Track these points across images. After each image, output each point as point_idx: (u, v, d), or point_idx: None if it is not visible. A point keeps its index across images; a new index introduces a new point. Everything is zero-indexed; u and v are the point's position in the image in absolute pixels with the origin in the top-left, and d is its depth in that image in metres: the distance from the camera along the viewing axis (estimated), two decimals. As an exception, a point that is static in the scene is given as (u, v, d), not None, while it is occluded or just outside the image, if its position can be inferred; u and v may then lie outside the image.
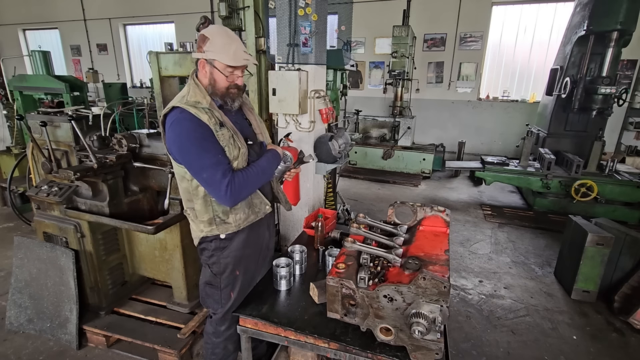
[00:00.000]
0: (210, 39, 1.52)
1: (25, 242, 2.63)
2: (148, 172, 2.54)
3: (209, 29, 1.57)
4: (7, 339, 2.59)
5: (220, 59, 1.53)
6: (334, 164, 3.21)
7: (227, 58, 1.52)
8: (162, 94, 3.00)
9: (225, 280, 1.78)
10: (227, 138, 1.56)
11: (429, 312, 1.34)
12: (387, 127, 7.50)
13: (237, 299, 1.82)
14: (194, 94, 1.57)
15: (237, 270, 1.79)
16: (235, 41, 1.55)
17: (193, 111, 1.51)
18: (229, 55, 1.52)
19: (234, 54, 1.53)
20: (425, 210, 1.92)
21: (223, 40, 1.52)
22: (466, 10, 7.82)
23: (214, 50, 1.52)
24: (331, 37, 3.44)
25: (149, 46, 11.19)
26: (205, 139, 1.51)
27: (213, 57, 1.53)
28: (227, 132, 1.57)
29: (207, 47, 1.53)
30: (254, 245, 1.86)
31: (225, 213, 1.68)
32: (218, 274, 1.77)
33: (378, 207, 5.39)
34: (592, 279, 3.12)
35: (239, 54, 1.54)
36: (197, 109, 1.52)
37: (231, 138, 1.58)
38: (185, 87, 1.64)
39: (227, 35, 1.55)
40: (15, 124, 5.00)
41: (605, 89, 4.62)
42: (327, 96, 3.30)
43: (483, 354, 2.57)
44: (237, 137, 1.61)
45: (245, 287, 1.88)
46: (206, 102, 1.56)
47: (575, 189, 4.81)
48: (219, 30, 1.56)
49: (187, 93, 1.58)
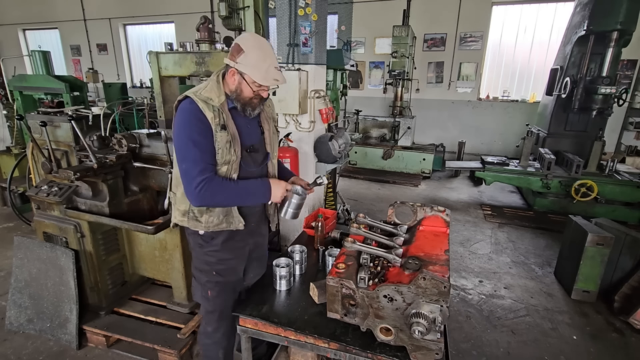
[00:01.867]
0: (245, 52, 1.50)
1: (25, 242, 2.63)
2: (148, 172, 2.54)
3: (246, 39, 1.53)
4: (7, 339, 2.59)
5: (251, 75, 1.52)
6: (334, 164, 3.21)
7: (258, 76, 1.52)
8: (162, 94, 3.00)
9: (203, 277, 1.79)
10: (223, 142, 1.56)
11: (429, 312, 1.34)
12: (387, 127, 7.50)
13: (218, 303, 1.81)
14: (210, 90, 1.57)
15: (214, 271, 1.77)
16: (269, 57, 1.53)
17: (201, 105, 1.52)
18: (261, 73, 1.52)
19: (266, 73, 1.52)
20: (425, 210, 1.91)
21: (257, 56, 1.50)
22: (466, 10, 7.82)
23: (246, 64, 1.51)
24: (331, 37, 3.44)
25: (149, 46, 11.19)
26: (200, 134, 1.52)
27: (244, 70, 1.52)
28: (225, 136, 1.56)
29: (240, 59, 1.51)
30: (235, 251, 1.79)
31: (200, 211, 1.67)
32: (197, 268, 1.81)
33: (378, 207, 5.39)
34: (592, 279, 3.12)
35: (271, 72, 1.53)
36: (206, 104, 1.53)
37: (228, 143, 1.57)
38: (205, 81, 1.63)
39: (262, 50, 1.52)
40: (15, 124, 5.00)
41: (605, 89, 4.63)
42: (327, 96, 3.30)
43: (483, 354, 2.57)
44: (235, 144, 1.59)
45: (229, 292, 1.84)
46: (218, 101, 1.56)
47: (575, 189, 4.81)
48: (255, 43, 1.53)
49: (204, 87, 1.58)
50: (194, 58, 2.83)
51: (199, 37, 2.85)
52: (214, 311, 1.83)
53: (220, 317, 1.85)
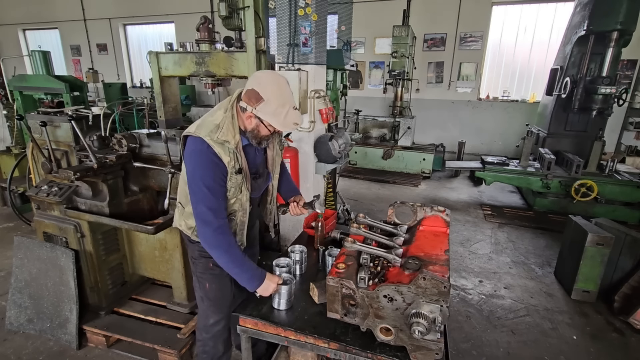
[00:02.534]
0: (265, 101, 1.47)
1: (25, 242, 2.63)
2: (148, 172, 2.54)
3: (264, 86, 1.48)
4: (7, 339, 2.59)
5: (271, 122, 1.50)
6: (334, 164, 3.21)
7: (277, 123, 1.50)
8: (162, 94, 3.00)
9: (200, 267, 1.83)
10: (238, 184, 1.60)
11: (429, 312, 1.34)
12: (387, 127, 7.51)
13: (216, 296, 1.86)
14: (227, 131, 1.54)
15: (211, 263, 1.79)
16: (288, 101, 1.50)
17: (217, 150, 1.51)
18: (280, 121, 1.50)
19: (285, 119, 1.49)
20: (425, 210, 1.91)
21: (277, 104, 1.47)
22: (466, 10, 7.82)
23: (266, 112, 1.48)
24: (331, 37, 3.44)
25: (149, 46, 11.18)
26: (215, 180, 1.53)
27: (264, 117, 1.50)
28: (240, 179, 1.60)
29: (260, 107, 1.48)
30: None
31: None
32: (194, 258, 1.84)
33: (378, 207, 5.39)
34: (592, 279, 3.12)
35: (290, 117, 1.50)
36: (222, 147, 1.52)
37: (240, 185, 1.61)
38: (219, 112, 1.58)
39: (281, 96, 1.48)
40: (15, 124, 5.00)
41: (605, 89, 4.63)
42: (327, 96, 3.30)
43: (483, 354, 2.57)
44: (247, 182, 1.64)
45: (227, 284, 1.88)
46: (234, 142, 1.55)
47: (575, 189, 4.81)
48: (274, 90, 1.48)
49: (220, 128, 1.54)
50: (194, 58, 2.83)
51: (199, 37, 2.85)
52: (213, 303, 1.88)
53: (219, 308, 1.89)
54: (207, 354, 1.98)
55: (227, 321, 1.94)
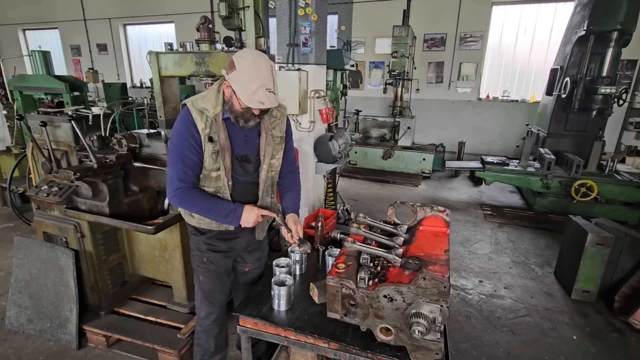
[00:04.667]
0: (237, 70, 1.49)
1: (25, 242, 2.63)
2: (148, 172, 2.54)
3: (241, 57, 1.52)
4: (7, 339, 2.59)
5: (238, 93, 1.52)
6: (334, 164, 3.21)
7: (244, 96, 1.51)
8: (162, 94, 2.99)
9: (196, 259, 1.90)
10: (210, 152, 1.62)
11: (429, 312, 1.34)
12: (387, 127, 7.50)
13: (208, 289, 1.91)
14: (207, 100, 1.61)
15: (205, 257, 1.86)
16: (261, 79, 1.49)
17: (194, 115, 1.58)
18: (247, 94, 1.50)
19: (252, 94, 1.49)
20: (425, 210, 1.92)
21: (248, 77, 1.49)
22: (466, 10, 7.82)
23: (236, 82, 1.51)
24: (331, 37, 3.44)
25: (149, 46, 11.18)
26: (186, 147, 1.60)
27: (234, 87, 1.53)
28: (211, 148, 1.61)
29: (232, 75, 1.51)
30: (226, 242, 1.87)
31: None
32: (192, 250, 1.92)
33: (378, 207, 5.39)
34: (592, 279, 3.12)
35: (258, 95, 1.49)
36: (201, 114, 1.58)
37: (214, 154, 1.62)
38: (210, 89, 1.67)
39: (255, 70, 1.49)
40: (15, 124, 5.00)
41: (605, 89, 4.62)
42: (327, 96, 3.30)
43: (483, 354, 2.57)
44: (224, 155, 1.65)
45: (221, 280, 1.92)
46: (213, 112, 1.59)
47: (575, 189, 4.81)
48: (249, 63, 1.50)
49: (204, 96, 1.63)
50: (194, 58, 2.82)
51: (199, 37, 2.85)
52: (204, 297, 1.93)
53: (210, 302, 1.93)
54: (201, 347, 2.04)
55: (219, 317, 1.98)
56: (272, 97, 1.53)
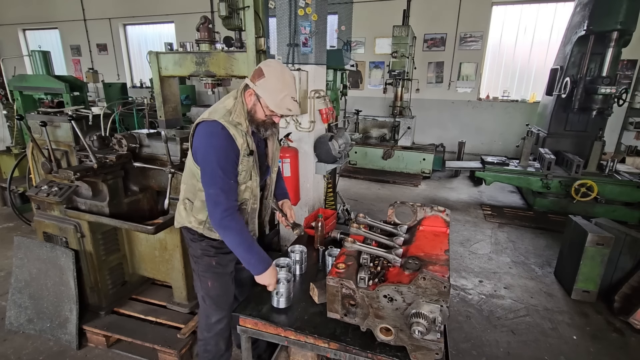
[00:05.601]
0: (266, 78, 1.55)
1: (25, 242, 2.63)
2: (148, 172, 2.54)
3: (269, 66, 1.58)
4: (7, 339, 2.59)
5: (266, 99, 1.57)
6: (334, 164, 3.21)
7: (272, 102, 1.56)
8: (162, 94, 3.00)
9: (202, 266, 1.83)
10: (249, 166, 1.64)
11: (429, 312, 1.34)
12: (387, 127, 7.50)
13: (218, 294, 1.87)
14: (239, 114, 1.60)
15: (214, 261, 1.82)
16: (287, 88, 1.57)
17: (232, 131, 1.56)
18: (275, 101, 1.56)
19: (281, 101, 1.56)
20: (425, 210, 1.92)
21: (276, 85, 1.55)
22: (466, 10, 7.82)
23: (264, 89, 1.56)
24: (331, 37, 3.44)
25: (149, 46, 11.18)
26: (229, 162, 1.57)
27: (261, 94, 1.57)
28: (251, 161, 1.64)
29: (259, 82, 1.56)
30: None
31: None
32: (196, 257, 1.84)
33: (378, 207, 5.39)
34: (592, 279, 3.12)
35: (285, 102, 1.57)
36: (237, 129, 1.58)
37: (252, 167, 1.66)
38: (230, 99, 1.64)
39: (282, 80, 1.56)
40: (15, 124, 5.00)
41: (605, 89, 4.62)
42: (327, 96, 3.30)
43: (483, 354, 2.57)
44: (257, 167, 1.68)
45: (229, 282, 1.90)
46: (246, 125, 1.61)
47: (575, 189, 4.81)
48: (277, 72, 1.57)
49: (234, 111, 1.60)
50: (194, 58, 2.83)
51: (199, 37, 2.85)
52: (215, 301, 1.88)
53: (221, 306, 1.90)
54: (209, 353, 1.98)
55: (229, 319, 1.96)
56: (297, 105, 1.60)
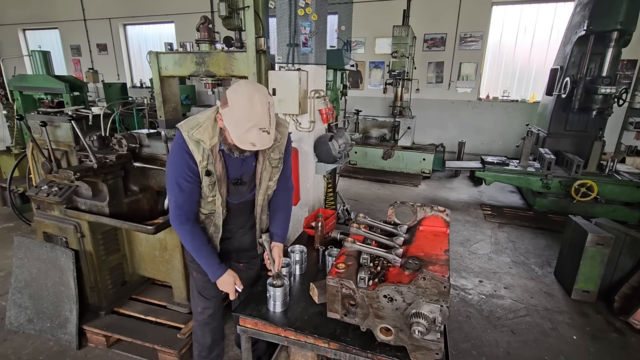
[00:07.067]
0: (229, 108, 1.42)
1: (25, 242, 2.63)
2: (148, 172, 2.54)
3: (237, 93, 1.42)
4: (7, 339, 2.59)
5: (229, 130, 1.44)
6: (334, 164, 3.21)
7: (234, 135, 1.43)
8: (162, 94, 3.00)
9: (189, 256, 1.85)
10: (206, 184, 1.61)
11: (429, 312, 1.34)
12: (387, 127, 7.50)
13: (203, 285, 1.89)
14: (204, 131, 1.54)
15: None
16: (254, 118, 1.40)
17: (191, 146, 1.53)
18: (238, 134, 1.42)
19: (244, 135, 1.41)
20: (425, 210, 1.91)
21: (241, 116, 1.40)
22: (466, 10, 7.82)
23: (228, 119, 1.44)
24: (331, 37, 3.43)
25: (149, 46, 11.18)
26: (185, 178, 1.58)
27: (225, 124, 1.46)
28: (208, 180, 1.61)
29: (224, 111, 1.44)
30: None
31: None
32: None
33: (378, 207, 5.39)
34: (592, 279, 3.12)
35: (249, 136, 1.41)
36: (197, 145, 1.53)
37: (211, 185, 1.62)
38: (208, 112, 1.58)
39: (249, 109, 1.39)
40: (15, 124, 5.00)
41: (605, 89, 4.62)
42: (327, 96, 3.30)
43: (483, 354, 2.57)
44: (220, 185, 1.64)
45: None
46: (210, 143, 1.54)
47: (575, 189, 4.81)
48: (243, 100, 1.40)
49: (200, 126, 1.54)
50: (194, 58, 2.83)
51: (199, 37, 2.85)
52: (199, 292, 1.93)
53: (205, 298, 1.93)
54: (198, 343, 2.04)
55: (215, 311, 1.98)
56: (266, 138, 1.43)
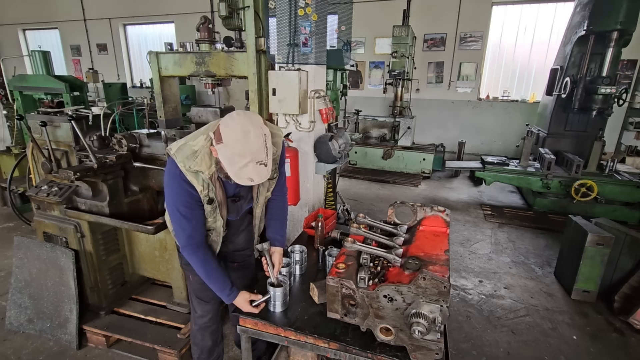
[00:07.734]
0: (224, 144, 1.36)
1: (25, 242, 2.63)
2: (148, 172, 2.54)
3: (230, 126, 1.36)
4: (7, 339, 2.59)
5: (225, 167, 1.41)
6: (334, 164, 3.21)
7: (230, 171, 1.40)
8: (162, 94, 3.00)
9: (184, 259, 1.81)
10: (208, 210, 1.61)
11: (429, 312, 1.34)
12: (387, 127, 7.50)
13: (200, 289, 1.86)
14: (201, 161, 1.49)
15: None
16: (250, 153, 1.35)
17: (189, 177, 1.49)
18: (234, 170, 1.38)
19: (240, 170, 1.37)
20: (425, 210, 1.91)
21: (236, 151, 1.35)
22: (466, 10, 7.82)
23: (223, 155, 1.39)
24: (331, 37, 3.44)
25: (149, 46, 11.18)
26: (187, 206, 1.55)
27: (220, 159, 1.42)
28: (210, 207, 1.60)
29: (219, 147, 1.38)
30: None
31: None
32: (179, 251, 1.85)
33: (378, 207, 5.39)
34: (592, 279, 3.12)
35: (246, 171, 1.37)
36: (196, 176, 1.50)
37: (213, 212, 1.63)
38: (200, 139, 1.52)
39: (244, 144, 1.34)
40: (15, 124, 5.00)
41: (605, 89, 4.62)
42: (327, 96, 3.30)
43: (483, 354, 2.57)
44: (221, 210, 1.65)
45: None
46: (208, 172, 1.52)
47: (575, 189, 4.81)
48: (236, 135, 1.35)
49: (197, 156, 1.49)
50: (194, 58, 2.83)
51: (199, 37, 2.85)
52: (197, 295, 1.92)
53: (203, 301, 1.93)
54: (197, 346, 2.04)
55: (214, 314, 1.99)
56: (264, 171, 1.40)
